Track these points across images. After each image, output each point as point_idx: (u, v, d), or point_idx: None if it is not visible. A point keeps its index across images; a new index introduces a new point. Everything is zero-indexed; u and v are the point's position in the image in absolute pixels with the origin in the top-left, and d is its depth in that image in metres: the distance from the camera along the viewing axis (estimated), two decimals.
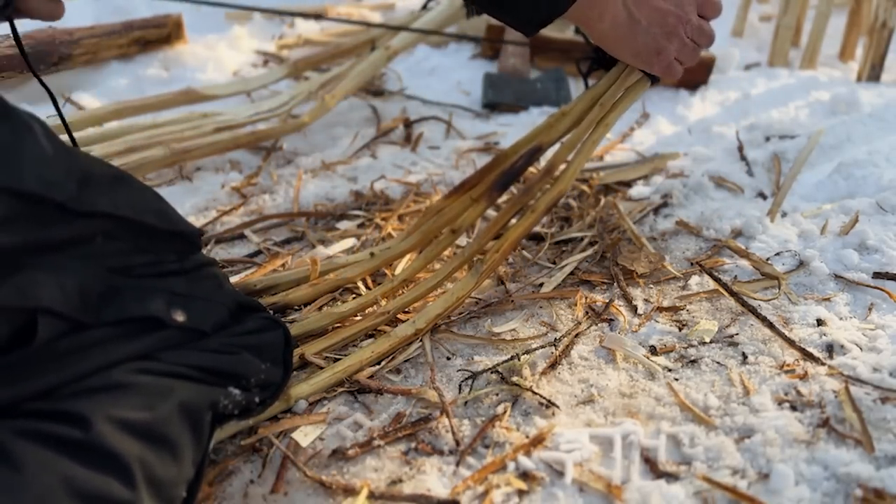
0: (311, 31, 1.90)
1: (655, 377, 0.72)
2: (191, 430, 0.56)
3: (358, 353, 0.75)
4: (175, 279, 0.60)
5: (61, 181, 0.53)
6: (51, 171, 0.52)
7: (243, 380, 0.61)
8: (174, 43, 1.77)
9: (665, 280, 0.88)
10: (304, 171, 1.22)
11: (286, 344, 0.66)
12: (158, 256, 0.60)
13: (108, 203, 0.56)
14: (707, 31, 0.86)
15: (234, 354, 0.61)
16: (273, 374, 0.64)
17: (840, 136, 1.19)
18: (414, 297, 0.83)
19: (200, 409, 0.57)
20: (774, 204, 0.99)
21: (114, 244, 0.57)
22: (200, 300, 0.61)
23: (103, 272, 0.56)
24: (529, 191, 0.87)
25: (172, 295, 0.59)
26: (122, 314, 0.56)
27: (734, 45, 1.67)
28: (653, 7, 0.81)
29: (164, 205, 0.62)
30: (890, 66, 1.49)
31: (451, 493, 0.60)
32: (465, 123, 1.39)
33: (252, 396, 0.63)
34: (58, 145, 0.55)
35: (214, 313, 0.62)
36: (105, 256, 0.56)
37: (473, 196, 0.89)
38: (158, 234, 0.60)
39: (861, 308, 0.81)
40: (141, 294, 0.57)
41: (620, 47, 0.84)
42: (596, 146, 0.89)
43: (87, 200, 0.54)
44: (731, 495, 0.59)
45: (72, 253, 0.54)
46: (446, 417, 0.68)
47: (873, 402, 0.66)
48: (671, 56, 0.85)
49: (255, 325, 0.65)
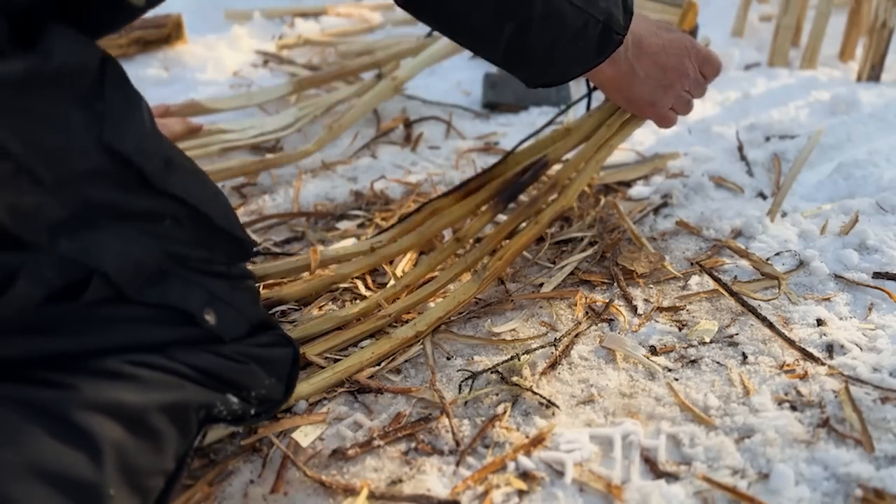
0: (311, 31, 1.90)
1: (655, 377, 0.72)
2: (178, 426, 0.55)
3: (358, 353, 0.75)
4: (219, 282, 0.60)
5: (152, 155, 0.54)
6: (147, 143, 0.54)
7: (244, 391, 0.61)
8: (174, 43, 1.77)
9: (665, 280, 0.88)
10: (304, 171, 1.22)
11: (293, 363, 0.66)
12: (212, 255, 0.60)
13: (183, 189, 0.57)
14: (703, 86, 0.90)
15: (242, 364, 0.60)
16: (275, 390, 0.64)
17: (840, 136, 1.19)
18: (415, 300, 0.83)
19: (192, 409, 0.57)
20: (774, 204, 0.99)
21: (179, 230, 0.57)
22: (233, 309, 0.60)
23: (162, 254, 0.56)
24: (533, 204, 0.91)
25: (212, 296, 0.59)
26: (163, 299, 0.56)
27: (734, 45, 1.67)
28: (654, 61, 0.83)
29: (230, 209, 0.63)
30: (890, 66, 1.49)
31: (451, 493, 0.60)
32: (465, 123, 1.39)
33: (249, 408, 0.62)
34: (154, 124, 0.57)
35: (240, 325, 0.61)
36: (168, 239, 0.56)
37: (478, 203, 0.92)
38: (218, 233, 0.60)
39: (861, 308, 0.81)
40: (186, 286, 0.57)
41: (617, 93, 0.87)
42: (599, 165, 0.93)
43: (167, 180, 0.55)
44: (731, 495, 0.59)
45: (142, 227, 0.55)
46: (446, 417, 0.68)
47: (873, 402, 0.66)
48: (666, 107, 0.88)
49: (267, 339, 0.64)
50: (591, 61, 0.78)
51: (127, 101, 0.55)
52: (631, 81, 0.84)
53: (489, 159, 1.24)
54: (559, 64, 0.77)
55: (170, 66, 1.71)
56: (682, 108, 0.89)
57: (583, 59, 0.78)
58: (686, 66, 0.86)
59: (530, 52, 0.75)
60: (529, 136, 1.01)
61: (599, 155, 0.92)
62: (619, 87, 0.86)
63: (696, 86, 0.89)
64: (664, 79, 0.85)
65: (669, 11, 1.44)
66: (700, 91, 0.90)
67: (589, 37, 0.75)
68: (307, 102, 1.34)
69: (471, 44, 0.78)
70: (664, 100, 0.87)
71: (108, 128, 0.52)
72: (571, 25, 0.73)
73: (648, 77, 0.84)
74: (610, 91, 0.88)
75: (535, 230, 0.87)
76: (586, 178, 0.92)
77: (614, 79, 0.84)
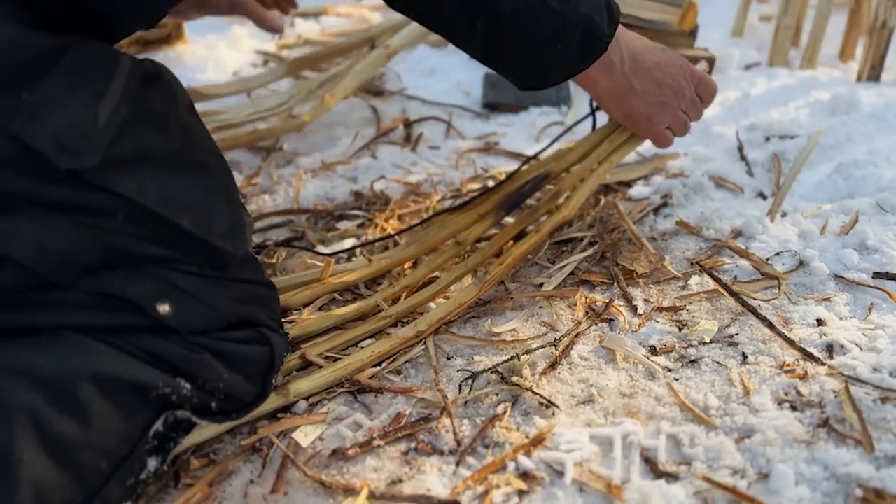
0: (311, 31, 1.89)
1: (655, 377, 0.72)
2: (111, 400, 0.54)
3: (358, 353, 0.75)
4: (187, 277, 0.59)
5: (77, 149, 0.53)
6: (74, 138, 0.53)
7: (199, 379, 0.59)
8: (174, 43, 1.76)
9: (665, 280, 0.88)
10: (304, 170, 1.22)
11: (269, 364, 0.64)
12: (181, 255, 0.59)
13: (133, 188, 0.55)
14: (699, 108, 0.92)
15: (193, 352, 0.59)
16: (242, 388, 0.62)
17: (840, 136, 1.19)
18: (416, 302, 0.83)
19: (127, 382, 0.55)
20: (774, 204, 0.99)
21: (134, 227, 0.56)
22: (200, 303, 0.59)
23: (100, 247, 0.55)
24: (534, 213, 0.93)
25: (172, 287, 0.58)
26: (101, 288, 0.55)
27: (734, 45, 1.67)
28: (651, 78, 0.86)
29: (220, 212, 0.61)
30: (890, 66, 1.49)
31: (451, 493, 0.60)
32: (465, 123, 1.39)
33: (208, 399, 0.60)
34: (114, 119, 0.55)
35: (207, 320, 0.60)
36: (116, 234, 0.55)
37: (480, 213, 0.93)
38: (188, 239, 0.59)
39: (861, 308, 0.81)
40: (133, 277, 0.56)
41: (615, 108, 0.90)
42: (601, 180, 0.96)
43: (112, 177, 0.54)
44: (731, 495, 0.59)
45: (78, 218, 0.54)
46: (446, 417, 0.68)
47: (873, 402, 0.66)
48: (662, 125, 0.90)
49: (242, 335, 0.63)
50: (574, 65, 0.80)
51: (70, 92, 0.53)
52: (628, 95, 0.86)
53: (489, 159, 1.24)
54: (540, 65, 0.79)
55: (170, 66, 1.70)
56: (679, 129, 0.91)
57: (565, 62, 0.79)
58: (682, 84, 0.88)
59: (508, 49, 0.76)
60: (534, 155, 1.05)
61: (600, 169, 0.95)
62: (617, 101, 0.88)
63: (692, 107, 0.91)
64: (660, 95, 0.87)
65: (669, 11, 1.44)
66: (696, 113, 0.92)
67: (568, 39, 0.76)
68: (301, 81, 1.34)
69: (451, 38, 0.79)
70: (660, 116, 0.89)
71: (22, 117, 0.51)
72: (547, 25, 0.74)
73: (646, 92, 0.86)
74: (608, 105, 0.90)
75: (535, 238, 0.89)
76: (587, 190, 0.94)
77: (612, 92, 0.86)
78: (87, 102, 0.54)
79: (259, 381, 0.64)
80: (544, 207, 0.94)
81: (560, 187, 0.95)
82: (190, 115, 0.63)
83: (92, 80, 0.54)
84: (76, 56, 0.54)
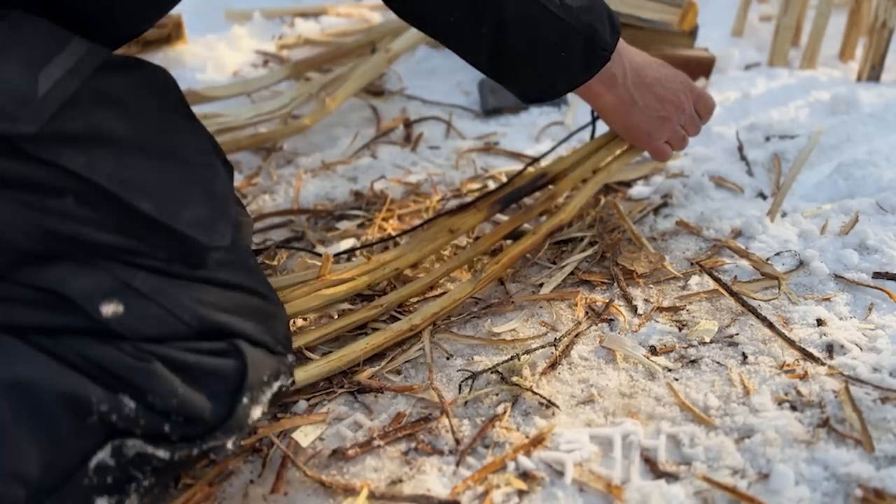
0: (311, 31, 1.89)
1: (655, 377, 0.72)
2: (32, 417, 0.46)
3: (352, 344, 0.75)
4: (145, 275, 0.52)
5: (12, 113, 0.47)
6: (3, 99, 0.47)
7: (147, 394, 0.50)
8: (174, 43, 1.77)
9: (665, 280, 0.88)
10: (304, 170, 1.22)
11: (240, 382, 0.54)
12: (143, 247, 0.52)
13: (83, 163, 0.49)
14: (697, 124, 0.94)
15: (140, 360, 0.50)
16: (202, 408, 0.52)
17: (840, 136, 1.19)
18: (409, 292, 0.83)
19: (53, 395, 0.47)
20: (774, 204, 0.99)
21: (85, 211, 0.50)
22: (157, 306, 0.51)
23: (41, 231, 0.48)
24: (530, 211, 0.94)
25: (123, 286, 0.50)
26: (39, 281, 0.48)
27: (734, 45, 1.67)
28: (652, 93, 0.87)
29: (193, 201, 0.54)
30: (890, 66, 1.49)
31: (451, 493, 0.60)
32: (465, 123, 1.39)
33: (160, 423, 0.51)
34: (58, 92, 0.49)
35: (162, 326, 0.52)
36: (63, 217, 0.49)
37: (478, 208, 0.94)
38: (148, 223, 0.52)
39: (861, 308, 0.81)
40: (75, 270, 0.49)
41: (616, 121, 0.91)
42: (598, 186, 0.98)
43: (50, 149, 0.48)
44: (731, 495, 0.59)
45: (11, 194, 0.47)
46: (446, 417, 0.68)
47: (873, 402, 0.66)
48: (661, 139, 0.92)
49: (209, 346, 0.54)
50: (578, 76, 0.81)
51: (2, 56, 0.47)
52: (630, 109, 0.88)
53: (489, 159, 1.24)
54: (544, 75, 0.80)
55: (170, 66, 1.71)
56: (678, 143, 0.93)
57: (568, 72, 0.80)
58: (682, 100, 0.90)
59: (513, 58, 0.77)
60: (537, 158, 1.07)
61: (598, 177, 0.98)
62: (619, 115, 0.89)
63: (691, 122, 0.93)
64: (661, 110, 0.89)
65: (669, 11, 1.44)
66: (695, 129, 0.94)
67: (571, 48, 0.77)
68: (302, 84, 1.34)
69: (456, 47, 0.80)
70: (660, 131, 0.90)
71: None
72: (550, 33, 0.75)
73: (647, 107, 0.88)
74: (610, 118, 0.92)
75: (532, 240, 0.90)
76: (585, 196, 0.96)
77: (614, 106, 0.88)
78: (24, 67, 0.48)
79: (226, 399, 0.53)
80: (540, 207, 0.95)
81: (557, 189, 0.96)
82: (176, 114, 0.59)
83: (31, 48, 0.49)
84: (13, 24, 0.49)
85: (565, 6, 0.75)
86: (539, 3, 0.73)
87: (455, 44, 0.79)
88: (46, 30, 0.51)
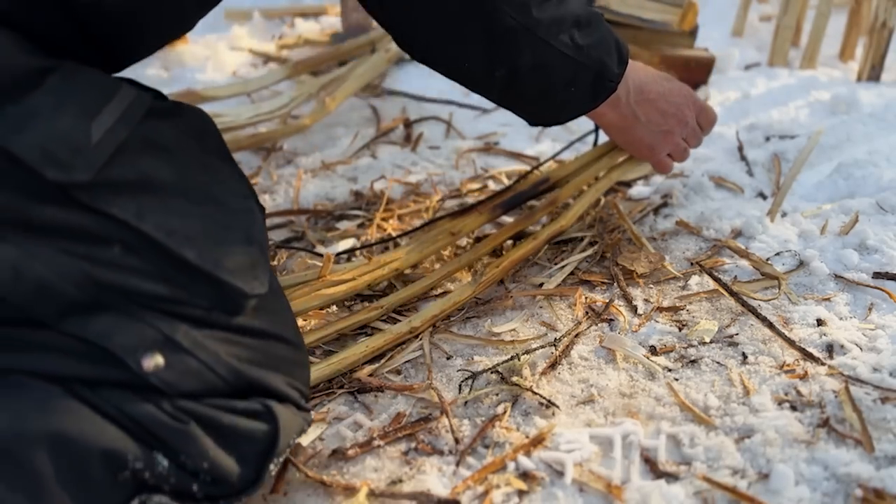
0: (311, 31, 1.90)
1: (655, 377, 0.72)
2: (70, 472, 0.46)
3: (353, 346, 0.75)
4: (187, 328, 0.52)
5: (68, 161, 0.48)
6: (56, 145, 0.48)
7: (180, 454, 0.50)
8: (174, 43, 1.76)
9: (665, 280, 0.88)
10: (304, 170, 1.22)
11: (270, 446, 0.54)
12: (186, 295, 0.52)
13: (132, 211, 0.50)
14: (699, 136, 0.95)
15: (177, 421, 0.50)
16: (231, 472, 0.52)
17: (840, 136, 1.19)
18: (410, 293, 0.83)
19: (93, 450, 0.47)
20: (774, 204, 0.99)
21: (132, 259, 0.50)
22: (196, 360, 0.51)
23: (89, 281, 0.48)
24: (532, 216, 0.95)
25: (166, 340, 0.50)
26: (82, 331, 0.48)
27: (734, 45, 1.67)
28: (656, 108, 0.88)
29: (234, 249, 0.54)
30: (890, 66, 1.49)
31: (451, 493, 0.60)
32: (465, 123, 1.39)
33: (189, 482, 0.51)
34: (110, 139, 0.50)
35: (201, 381, 0.52)
36: (110, 267, 0.49)
37: (479, 211, 0.95)
38: (191, 272, 0.52)
39: (861, 308, 0.81)
40: (119, 322, 0.49)
41: (619, 136, 0.93)
42: (599, 193, 0.99)
43: (102, 197, 0.49)
44: (731, 495, 0.59)
45: (61, 243, 0.48)
46: (446, 417, 0.68)
47: (873, 402, 0.66)
48: (663, 152, 0.93)
49: (244, 406, 0.54)
50: (586, 106, 0.83)
51: (59, 108, 0.49)
52: (633, 125, 0.89)
53: (489, 159, 1.24)
54: (554, 107, 0.82)
55: (170, 66, 1.71)
56: (679, 156, 0.94)
57: (577, 104, 0.82)
58: (685, 114, 0.91)
59: (524, 96, 0.79)
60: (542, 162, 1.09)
61: (599, 185, 0.99)
62: (622, 131, 0.91)
63: (693, 135, 0.94)
64: (664, 124, 0.89)
65: (670, 11, 1.44)
66: (696, 141, 0.95)
67: (581, 83, 0.78)
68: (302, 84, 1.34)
69: (471, 87, 0.81)
70: (662, 145, 0.91)
71: (6, 127, 0.46)
72: (562, 74, 0.76)
73: (649, 122, 0.88)
74: (613, 133, 0.93)
75: (532, 245, 0.90)
76: (586, 203, 0.97)
77: (617, 123, 0.89)
78: (78, 118, 0.49)
79: (254, 463, 0.54)
80: (542, 212, 0.96)
81: (559, 195, 0.97)
82: (216, 157, 0.59)
83: (84, 99, 0.50)
84: (65, 75, 0.50)
85: (577, 46, 0.75)
86: (554, 48, 0.73)
87: (467, 84, 0.80)
88: (97, 79, 0.52)
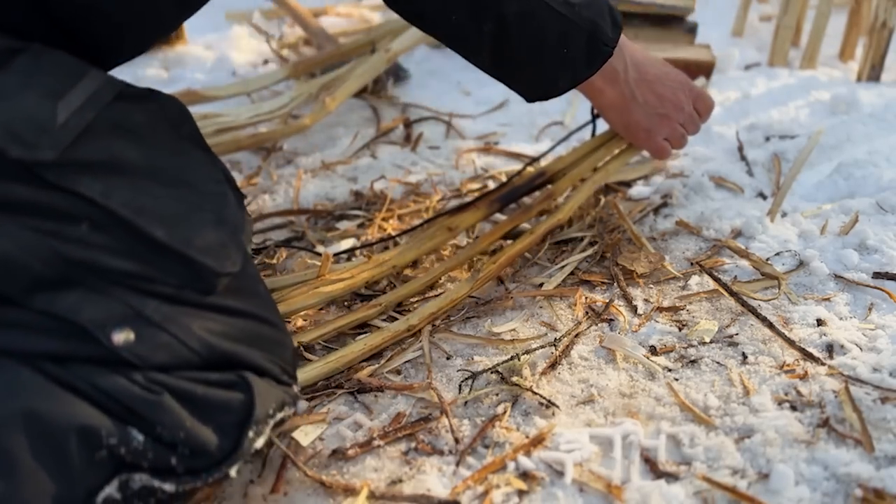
0: None
1: (655, 377, 0.72)
2: (45, 449, 0.46)
3: (351, 345, 0.75)
4: (157, 303, 0.52)
5: (32, 140, 0.48)
6: (21, 125, 0.48)
7: (155, 426, 0.50)
8: (174, 43, 1.77)
9: (665, 280, 0.88)
10: (304, 170, 1.22)
11: (246, 415, 0.54)
12: (156, 273, 0.52)
13: (100, 190, 0.50)
14: (696, 122, 0.94)
15: (150, 392, 0.50)
16: (208, 442, 0.51)
17: (840, 136, 1.19)
18: (407, 291, 0.83)
19: (68, 426, 0.47)
20: (774, 204, 0.99)
21: (99, 237, 0.50)
22: (167, 335, 0.51)
23: (57, 258, 0.48)
24: (529, 211, 0.94)
25: (135, 314, 0.50)
26: (52, 307, 0.48)
27: (734, 45, 1.67)
28: (653, 90, 0.88)
29: (205, 228, 0.55)
30: (890, 66, 1.49)
31: (451, 493, 0.60)
32: (466, 123, 1.39)
33: (167, 455, 0.50)
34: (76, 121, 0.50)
35: (172, 354, 0.51)
36: (78, 244, 0.49)
37: (476, 206, 0.95)
38: (161, 250, 0.52)
39: (861, 308, 0.81)
40: (88, 297, 0.49)
41: (616, 118, 0.92)
42: (597, 186, 0.98)
43: (67, 176, 0.49)
44: (731, 495, 0.59)
45: (28, 221, 0.48)
46: (446, 417, 0.68)
47: (873, 402, 0.66)
48: (660, 137, 0.92)
49: (218, 377, 0.54)
50: (581, 72, 0.81)
51: (24, 88, 0.49)
52: (630, 106, 0.88)
53: (489, 159, 1.24)
54: (547, 72, 0.80)
55: (170, 67, 1.72)
56: (677, 142, 0.94)
57: (571, 69, 0.81)
58: (681, 98, 0.90)
59: (515, 57, 0.78)
60: (537, 157, 1.09)
61: (597, 176, 0.98)
62: (619, 112, 0.90)
63: (690, 121, 0.93)
64: (660, 107, 0.89)
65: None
66: (694, 128, 0.95)
67: (575, 45, 0.77)
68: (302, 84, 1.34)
69: (459, 47, 0.80)
70: (659, 128, 0.91)
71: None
72: (552, 30, 0.75)
73: (646, 103, 0.88)
74: (610, 115, 0.93)
75: (529, 240, 0.90)
76: (582, 196, 0.96)
77: (615, 102, 0.88)
78: (43, 97, 0.50)
79: (232, 433, 0.53)
80: (538, 206, 0.95)
81: (556, 189, 0.97)
82: (190, 144, 0.59)
83: (51, 80, 0.51)
84: (33, 56, 0.51)
85: (567, 3, 0.75)
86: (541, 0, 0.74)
87: (457, 43, 0.79)
88: (65, 62, 0.53)
